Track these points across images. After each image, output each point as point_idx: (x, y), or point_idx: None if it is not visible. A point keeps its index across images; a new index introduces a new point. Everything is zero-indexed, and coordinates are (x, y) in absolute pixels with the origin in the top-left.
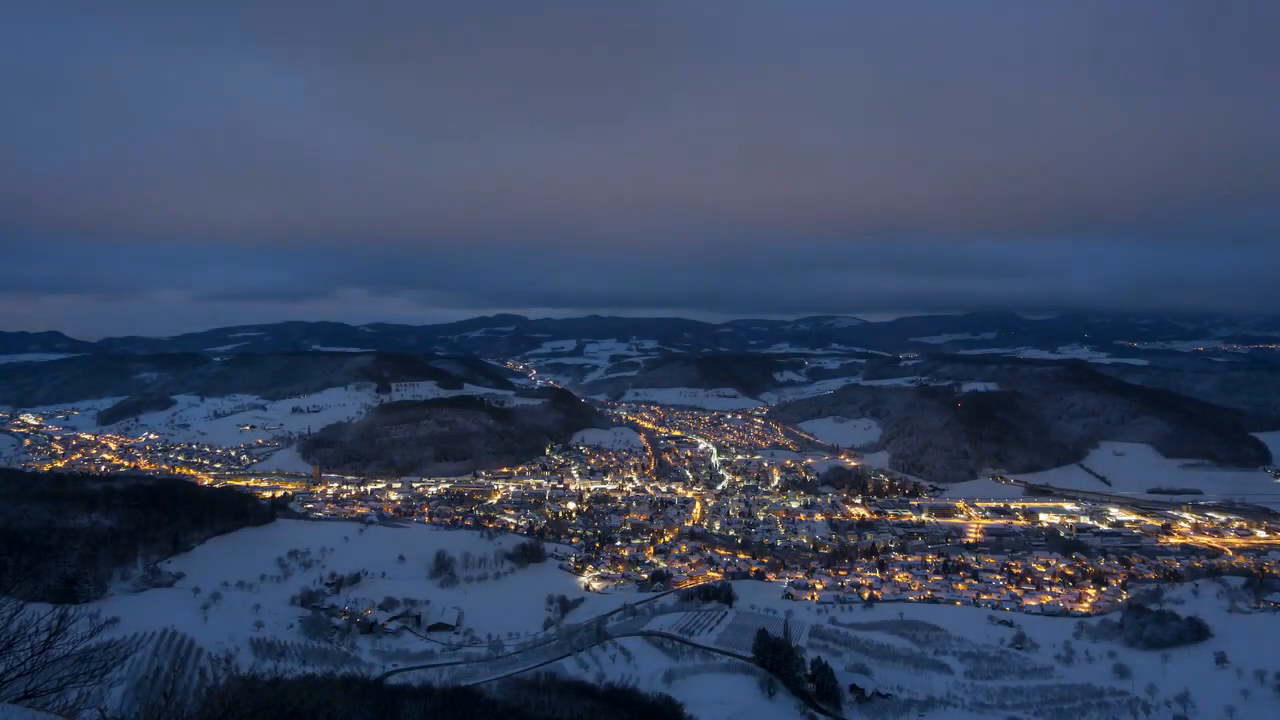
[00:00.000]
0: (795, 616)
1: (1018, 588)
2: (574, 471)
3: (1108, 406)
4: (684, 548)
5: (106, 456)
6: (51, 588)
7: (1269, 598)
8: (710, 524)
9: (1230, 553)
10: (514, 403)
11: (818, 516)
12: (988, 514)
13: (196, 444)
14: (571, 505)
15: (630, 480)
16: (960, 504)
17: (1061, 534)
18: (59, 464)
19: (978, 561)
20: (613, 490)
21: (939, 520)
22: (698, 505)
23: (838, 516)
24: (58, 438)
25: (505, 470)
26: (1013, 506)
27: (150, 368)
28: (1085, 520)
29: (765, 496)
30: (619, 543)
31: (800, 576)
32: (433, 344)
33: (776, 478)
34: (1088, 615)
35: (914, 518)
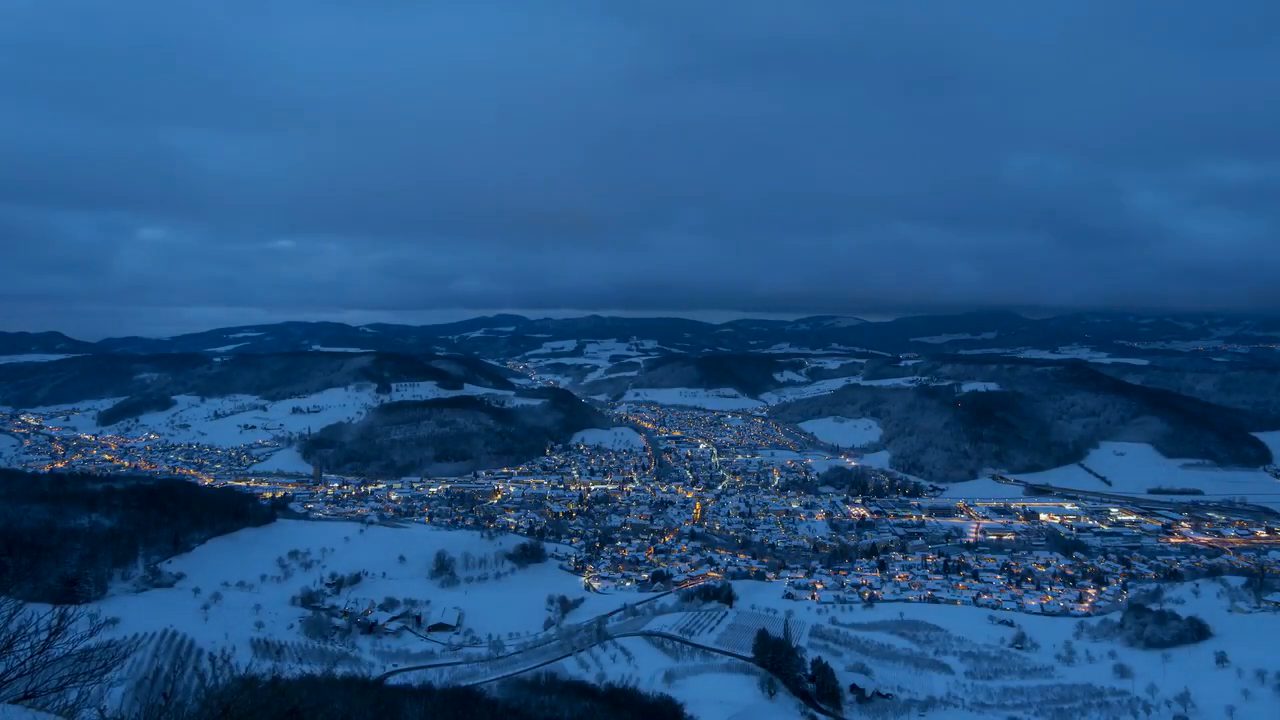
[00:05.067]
0: (795, 616)
1: (1018, 588)
2: (574, 471)
3: (1108, 406)
4: (684, 548)
5: (106, 457)
6: (52, 588)
7: (1269, 598)
8: (710, 524)
9: (1230, 552)
10: (514, 403)
11: (818, 516)
12: (988, 514)
13: (197, 444)
14: (572, 505)
15: (630, 480)
16: (960, 504)
17: (1062, 534)
18: (59, 464)
19: (978, 561)
20: (613, 490)
21: (939, 520)
22: (698, 505)
23: (838, 516)
24: (58, 438)
25: (505, 470)
26: (1013, 506)
27: (150, 368)
28: (1085, 520)
29: (765, 497)
30: (619, 543)
31: (801, 576)
32: (433, 344)
33: (777, 478)
34: (1088, 615)
35: (914, 518)
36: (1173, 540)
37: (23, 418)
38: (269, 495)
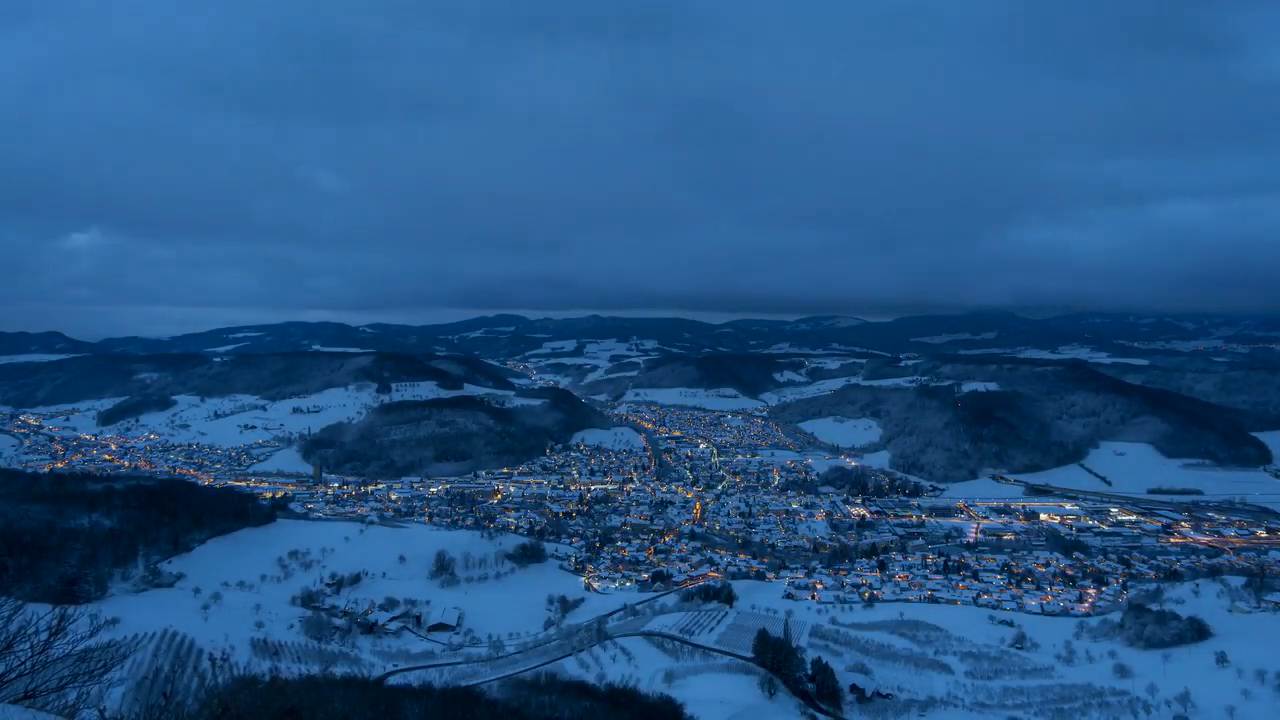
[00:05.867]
0: (796, 616)
1: (1018, 588)
2: (574, 472)
3: (1108, 406)
4: (684, 548)
5: (106, 457)
6: (52, 588)
7: (1269, 598)
8: (711, 524)
9: (1230, 552)
10: (514, 403)
11: (818, 516)
12: (988, 514)
13: (197, 444)
14: (572, 505)
15: (630, 480)
16: (960, 504)
17: (1062, 534)
18: (59, 464)
19: (978, 561)
20: (613, 490)
21: (939, 520)
22: (698, 505)
23: (838, 516)
24: (58, 438)
25: (505, 470)
26: (1013, 506)
27: (150, 368)
28: (1085, 520)
29: (765, 497)
30: (619, 543)
31: (801, 576)
32: (433, 344)
33: (777, 478)
34: (1088, 615)
35: (914, 518)
36: (1173, 540)
37: (23, 418)
38: (269, 495)
